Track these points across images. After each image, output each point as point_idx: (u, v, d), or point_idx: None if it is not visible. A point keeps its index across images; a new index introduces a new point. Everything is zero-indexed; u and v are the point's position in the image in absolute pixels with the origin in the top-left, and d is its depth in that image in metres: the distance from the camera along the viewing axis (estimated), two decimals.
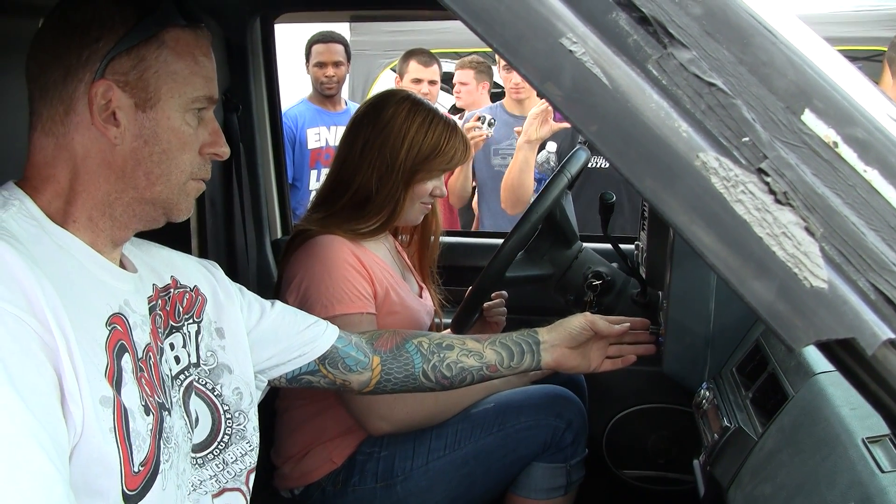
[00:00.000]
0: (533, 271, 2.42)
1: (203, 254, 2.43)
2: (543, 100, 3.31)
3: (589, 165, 3.80)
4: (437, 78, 4.69)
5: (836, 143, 0.66)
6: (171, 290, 1.42)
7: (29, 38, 1.26)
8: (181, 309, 1.44)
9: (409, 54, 4.72)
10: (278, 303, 1.69)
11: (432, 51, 4.87)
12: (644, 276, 2.40)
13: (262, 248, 2.91)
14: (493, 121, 3.94)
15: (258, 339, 1.60)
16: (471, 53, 6.42)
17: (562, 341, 1.89)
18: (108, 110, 1.21)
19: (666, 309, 2.07)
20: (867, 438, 1.23)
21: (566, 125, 3.56)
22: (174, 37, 1.25)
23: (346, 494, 2.16)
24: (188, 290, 1.48)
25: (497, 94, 5.00)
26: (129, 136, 1.23)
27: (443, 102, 5.77)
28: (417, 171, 2.13)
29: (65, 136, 1.22)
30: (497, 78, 5.13)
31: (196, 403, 1.43)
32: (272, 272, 2.91)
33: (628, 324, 1.97)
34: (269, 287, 2.74)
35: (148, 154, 1.24)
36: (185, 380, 1.41)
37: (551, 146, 3.85)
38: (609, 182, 3.80)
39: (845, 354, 0.66)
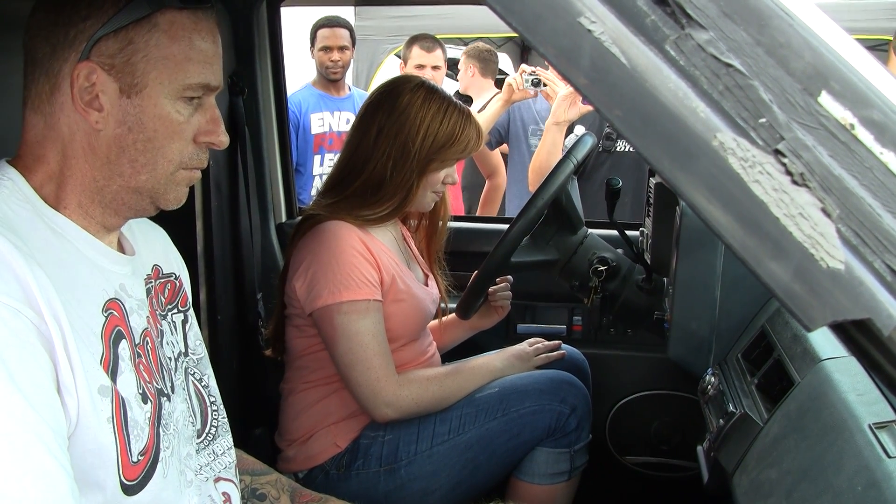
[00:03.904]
0: (538, 256, 2.42)
1: (208, 237, 2.43)
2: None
3: (618, 149, 3.84)
4: (441, 63, 4.68)
5: (852, 126, 0.66)
6: (154, 280, 1.38)
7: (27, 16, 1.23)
8: (163, 299, 1.40)
9: (413, 40, 4.71)
10: None
11: (437, 36, 4.85)
12: (649, 262, 2.41)
13: (266, 231, 2.91)
14: (538, 80, 3.91)
15: None
16: (476, 39, 6.40)
17: None
18: (92, 93, 1.15)
19: (671, 295, 2.07)
20: (874, 424, 1.24)
21: None
22: (169, 19, 1.18)
23: (350, 478, 2.17)
24: (171, 278, 1.44)
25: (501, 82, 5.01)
26: (112, 121, 1.17)
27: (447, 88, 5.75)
28: (432, 161, 2.14)
29: (52, 116, 1.18)
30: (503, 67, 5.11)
31: (191, 388, 1.42)
32: (277, 256, 2.91)
33: None
34: (274, 270, 2.74)
35: (132, 142, 1.18)
36: (181, 364, 1.39)
37: (579, 129, 3.85)
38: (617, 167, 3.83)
39: (860, 336, 0.66)
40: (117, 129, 1.18)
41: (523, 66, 4.00)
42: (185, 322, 1.45)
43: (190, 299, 1.49)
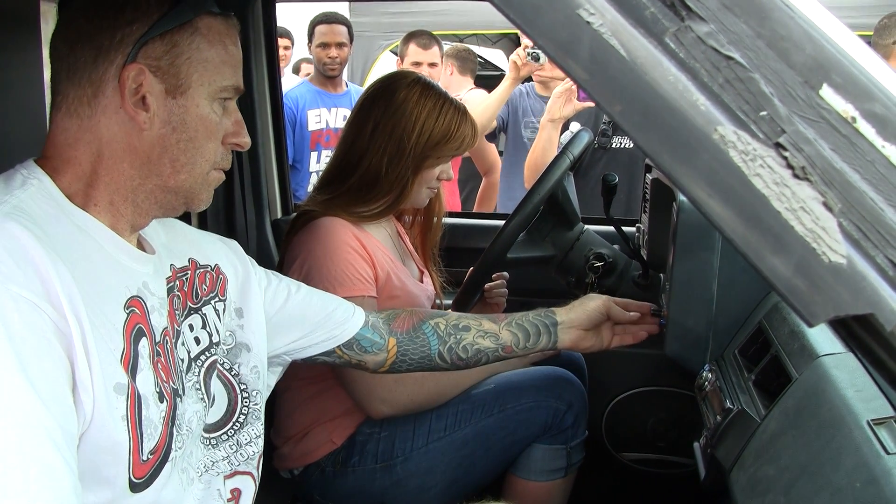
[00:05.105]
0: (534, 252, 2.41)
1: None
2: (567, 79, 3.31)
3: (614, 145, 3.85)
4: (438, 60, 4.67)
5: (854, 119, 0.65)
6: (189, 271, 1.41)
7: (32, 15, 1.24)
8: (204, 289, 1.43)
9: (409, 37, 4.70)
10: (304, 286, 1.70)
11: (434, 32, 4.85)
12: (645, 258, 2.40)
13: (262, 228, 2.90)
14: (537, 55, 3.94)
15: (284, 321, 1.61)
16: (471, 35, 6.39)
17: (579, 323, 1.90)
18: (138, 94, 1.20)
19: (668, 291, 2.07)
20: (872, 420, 1.23)
21: (590, 104, 3.56)
22: (207, 24, 1.24)
23: (346, 475, 2.16)
24: (209, 269, 1.47)
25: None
26: (158, 121, 1.22)
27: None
28: (427, 157, 2.13)
29: (90, 119, 1.21)
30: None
31: (214, 383, 1.43)
32: (272, 252, 2.91)
33: (638, 314, 1.98)
34: (270, 267, 2.72)
35: (175, 141, 1.23)
36: (206, 360, 1.41)
37: (574, 126, 3.86)
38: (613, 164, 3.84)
39: (862, 331, 0.65)
40: (162, 128, 1.22)
41: (525, 41, 4.03)
42: (224, 311, 1.48)
43: (228, 288, 1.51)
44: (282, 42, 5.77)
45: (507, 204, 4.23)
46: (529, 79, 4.28)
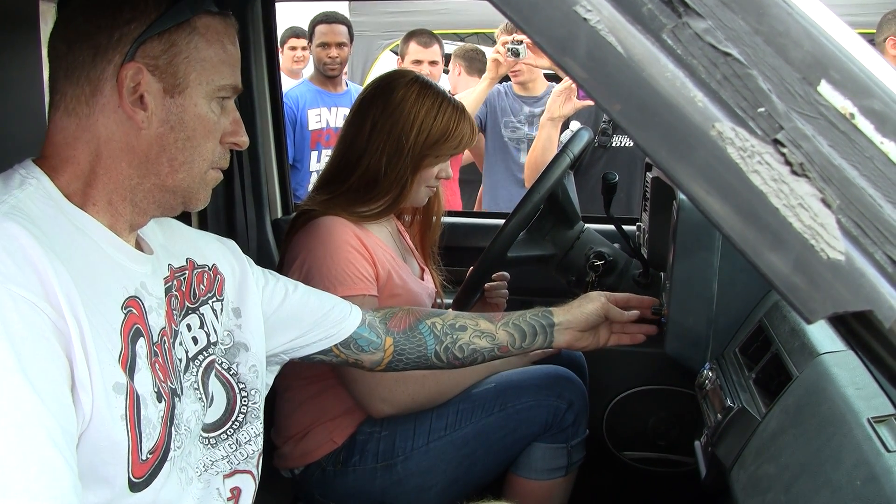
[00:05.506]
0: (535, 251, 2.41)
1: None
2: (566, 77, 3.30)
3: (614, 144, 3.84)
4: (439, 59, 4.66)
5: (852, 115, 0.65)
6: (187, 271, 1.41)
7: (31, 15, 1.24)
8: (202, 289, 1.43)
9: (410, 35, 4.70)
10: (301, 285, 1.70)
11: (434, 31, 4.84)
12: (646, 256, 2.40)
13: (262, 227, 2.90)
14: (517, 50, 3.91)
15: (281, 320, 1.61)
16: (471, 34, 6.39)
17: (576, 324, 1.92)
18: (136, 93, 1.20)
19: (668, 290, 2.06)
20: (872, 418, 1.23)
21: (589, 103, 3.55)
22: (205, 23, 1.24)
23: (347, 474, 2.16)
24: (206, 269, 1.47)
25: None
26: (156, 120, 1.22)
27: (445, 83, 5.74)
28: (426, 156, 2.13)
29: (88, 118, 1.20)
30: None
31: (213, 383, 1.43)
32: (272, 252, 2.90)
33: (637, 312, 1.99)
34: (270, 266, 2.72)
35: (173, 140, 1.23)
36: (204, 360, 1.41)
37: (574, 125, 3.85)
38: (613, 163, 3.84)
39: (861, 328, 0.65)
40: (160, 127, 1.22)
41: (503, 36, 3.98)
42: (221, 311, 1.48)
43: (226, 288, 1.52)
44: (299, 42, 5.77)
45: (491, 204, 4.23)
46: (507, 78, 4.28)
